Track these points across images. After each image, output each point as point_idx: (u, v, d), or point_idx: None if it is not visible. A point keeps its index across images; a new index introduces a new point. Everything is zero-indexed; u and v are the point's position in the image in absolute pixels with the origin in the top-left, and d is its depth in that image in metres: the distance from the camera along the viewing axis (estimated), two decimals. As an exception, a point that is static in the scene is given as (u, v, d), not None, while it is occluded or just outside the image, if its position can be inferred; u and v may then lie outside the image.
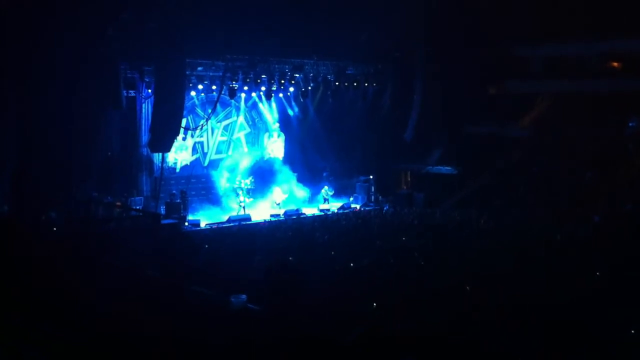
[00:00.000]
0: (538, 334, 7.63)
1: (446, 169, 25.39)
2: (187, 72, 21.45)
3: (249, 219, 22.32)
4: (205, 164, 25.37)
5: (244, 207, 22.57)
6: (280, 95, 26.10)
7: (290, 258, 14.30)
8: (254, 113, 26.63)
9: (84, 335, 4.90)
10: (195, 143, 24.83)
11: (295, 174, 26.06)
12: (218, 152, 25.69)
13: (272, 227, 20.70)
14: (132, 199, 21.35)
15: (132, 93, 21.67)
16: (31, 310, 5.21)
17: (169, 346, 5.10)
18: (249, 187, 25.22)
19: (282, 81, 24.28)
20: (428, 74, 25.11)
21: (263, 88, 24.60)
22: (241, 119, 26.22)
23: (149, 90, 21.75)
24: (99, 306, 5.55)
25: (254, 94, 25.82)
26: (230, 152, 25.98)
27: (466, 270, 11.80)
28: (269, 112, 26.79)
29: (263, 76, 23.75)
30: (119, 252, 10.49)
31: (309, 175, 26.34)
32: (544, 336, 7.54)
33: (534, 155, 23.99)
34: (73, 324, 5.08)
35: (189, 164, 24.69)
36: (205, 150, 25.33)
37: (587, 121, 23.21)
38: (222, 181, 25.18)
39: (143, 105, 22.14)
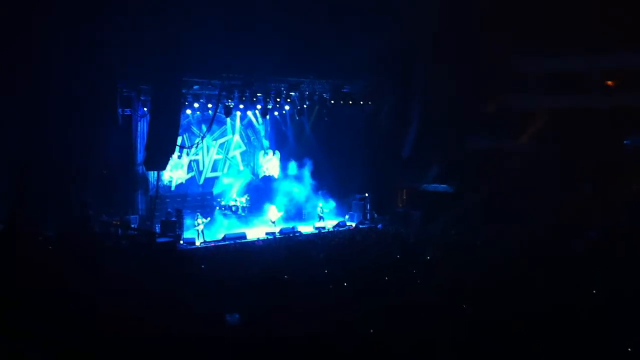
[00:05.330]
0: (534, 349, 7.62)
1: (442, 187, 25.41)
2: (183, 91, 21.53)
3: (244, 237, 22.26)
4: (201, 182, 25.41)
5: (202, 232, 22.01)
6: (276, 113, 26.20)
7: (286, 276, 14.30)
8: (249, 131, 26.73)
9: (83, 337, 4.92)
10: (190, 161, 24.89)
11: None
12: (213, 170, 25.75)
13: (267, 245, 20.68)
14: (128, 217, 21.29)
15: (128, 111, 21.74)
16: (32, 315, 5.22)
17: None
18: (244, 205, 25.24)
19: (278, 99, 24.39)
20: (425, 91, 25.18)
21: (259, 106, 24.69)
22: (237, 137, 26.32)
23: (145, 109, 21.82)
24: (95, 319, 5.55)
25: (249, 113, 25.94)
26: (225, 170, 26.04)
27: (463, 286, 11.80)
28: (265, 131, 26.88)
29: (259, 94, 23.85)
30: (115, 269, 10.47)
31: (305, 193, 26.31)
32: (541, 351, 7.53)
33: (532, 171, 24.05)
34: (72, 328, 5.09)
35: (184, 182, 24.73)
36: (201, 169, 25.38)
37: (586, 137, 23.32)
38: (217, 199, 25.21)
39: (139, 123, 22.20)
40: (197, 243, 21.38)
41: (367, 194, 26.48)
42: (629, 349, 7.98)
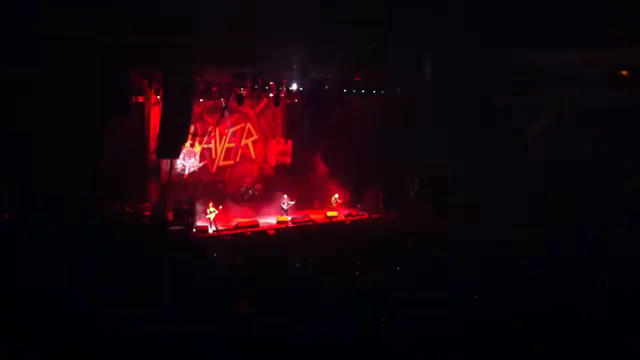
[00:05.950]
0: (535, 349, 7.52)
1: (454, 177, 25.23)
2: (195, 79, 21.48)
3: (257, 225, 22.33)
4: (213, 170, 25.43)
5: (215, 221, 22.15)
6: (288, 101, 26.12)
7: (297, 265, 14.32)
8: (261, 120, 26.66)
9: (84, 336, 4.90)
10: (203, 149, 24.89)
11: None
12: (226, 158, 25.74)
13: (279, 234, 20.72)
14: (140, 205, 21.35)
15: (140, 99, 21.74)
16: (32, 312, 5.22)
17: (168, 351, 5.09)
18: (257, 193, 25.23)
19: (290, 87, 24.31)
20: (435, 83, 25.01)
21: (271, 95, 24.62)
22: (249, 125, 26.27)
23: (157, 97, 21.80)
24: (100, 309, 5.55)
25: (261, 101, 25.86)
26: (237, 159, 26.02)
27: (470, 280, 11.74)
28: (277, 119, 26.82)
29: (271, 83, 23.78)
30: (127, 258, 10.47)
31: (317, 182, 26.25)
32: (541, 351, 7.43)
33: (541, 165, 23.90)
34: (73, 326, 5.07)
35: (196, 170, 24.77)
36: (213, 157, 25.38)
37: (596, 132, 23.15)
38: (229, 188, 25.21)
39: (151, 111, 22.20)
40: (209, 231, 21.46)
41: (379, 184, 26.38)
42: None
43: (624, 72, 24.73)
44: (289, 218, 23.52)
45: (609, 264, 13.03)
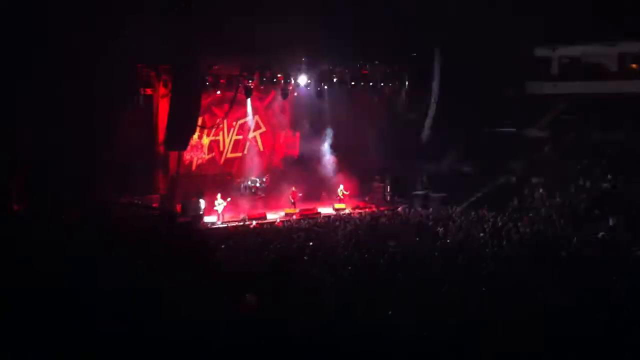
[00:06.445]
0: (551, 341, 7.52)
1: (463, 170, 25.16)
2: (204, 71, 21.47)
3: (264, 217, 22.39)
4: (221, 162, 25.45)
5: (222, 213, 22.23)
6: (296, 94, 26.06)
7: (306, 257, 14.36)
8: (269, 112, 26.63)
9: (86, 336, 4.94)
10: (211, 141, 24.91)
11: None
12: (234, 150, 25.75)
13: (286, 226, 20.76)
14: (148, 197, 21.42)
15: (148, 91, 21.77)
16: (35, 310, 5.26)
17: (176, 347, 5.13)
18: (264, 185, 25.23)
19: (298, 80, 24.26)
20: (445, 74, 24.90)
21: (279, 87, 24.58)
22: (257, 117, 26.25)
23: (166, 89, 21.82)
24: (106, 306, 5.59)
25: (270, 93, 25.82)
26: (245, 151, 26.02)
27: (482, 273, 11.74)
28: (285, 111, 26.79)
29: (279, 75, 23.74)
30: (133, 251, 10.49)
31: (325, 174, 26.22)
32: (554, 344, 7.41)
33: (551, 156, 23.78)
34: (75, 325, 5.11)
35: (204, 162, 24.81)
36: (221, 149, 25.40)
37: (605, 123, 23.03)
38: (237, 180, 25.23)
39: (159, 103, 22.23)
40: (217, 223, 21.53)
41: (387, 176, 26.34)
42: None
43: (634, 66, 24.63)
44: (296, 210, 23.56)
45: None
